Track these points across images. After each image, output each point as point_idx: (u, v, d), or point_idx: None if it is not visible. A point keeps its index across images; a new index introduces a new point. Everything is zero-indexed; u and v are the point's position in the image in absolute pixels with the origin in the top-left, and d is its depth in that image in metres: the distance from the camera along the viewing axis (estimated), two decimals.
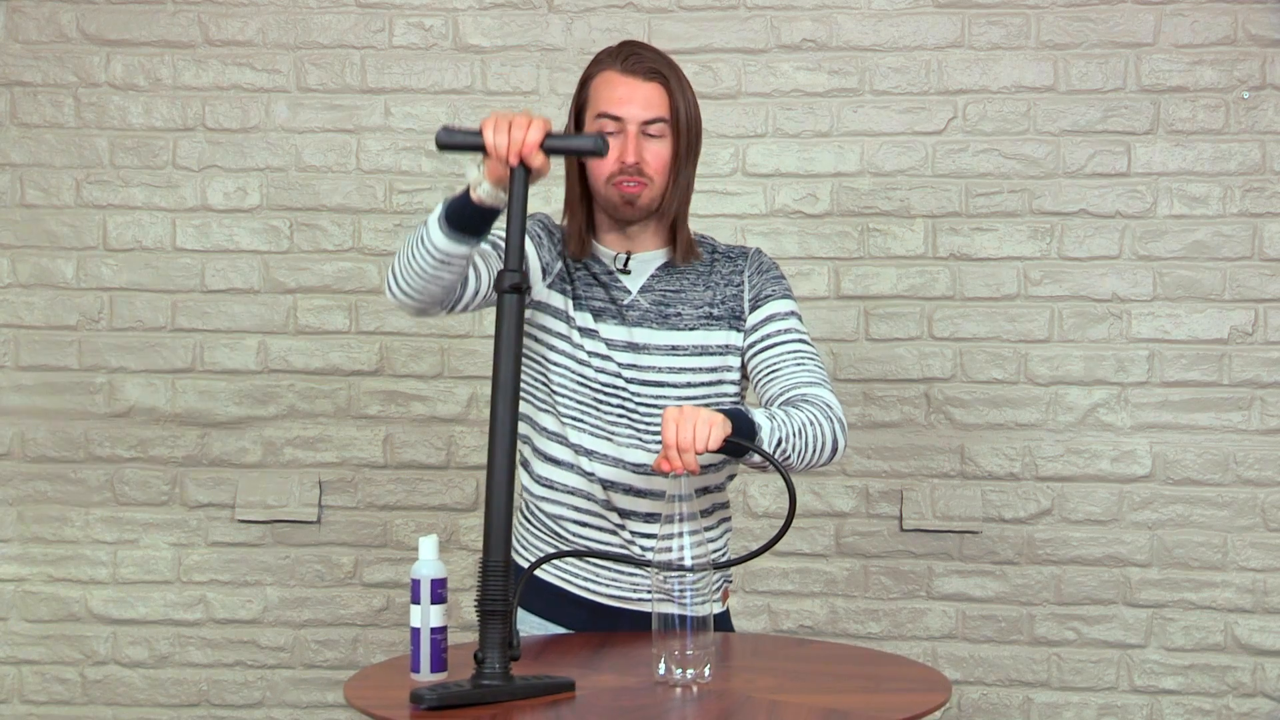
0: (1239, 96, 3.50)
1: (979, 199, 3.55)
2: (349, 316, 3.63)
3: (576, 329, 2.35)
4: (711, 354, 2.36)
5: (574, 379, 2.35)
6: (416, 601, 2.03)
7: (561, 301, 2.37)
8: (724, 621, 2.43)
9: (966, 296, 3.56)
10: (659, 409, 2.33)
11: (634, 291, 2.37)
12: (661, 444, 2.09)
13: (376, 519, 3.64)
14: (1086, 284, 3.53)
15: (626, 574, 2.36)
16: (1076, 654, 3.53)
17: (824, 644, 2.38)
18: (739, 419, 2.12)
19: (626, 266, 2.38)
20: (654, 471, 2.15)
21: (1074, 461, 3.53)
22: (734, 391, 2.38)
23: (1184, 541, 3.51)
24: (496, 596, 1.92)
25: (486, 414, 3.38)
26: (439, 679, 2.01)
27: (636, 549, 2.34)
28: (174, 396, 3.64)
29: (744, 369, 2.39)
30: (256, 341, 3.64)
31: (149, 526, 3.65)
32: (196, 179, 3.65)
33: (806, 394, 2.27)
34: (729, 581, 2.45)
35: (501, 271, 2.02)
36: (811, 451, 2.21)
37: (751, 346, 2.37)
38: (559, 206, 2.45)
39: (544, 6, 3.61)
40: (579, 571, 2.38)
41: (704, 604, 2.02)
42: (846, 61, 3.58)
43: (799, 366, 2.32)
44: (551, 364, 2.36)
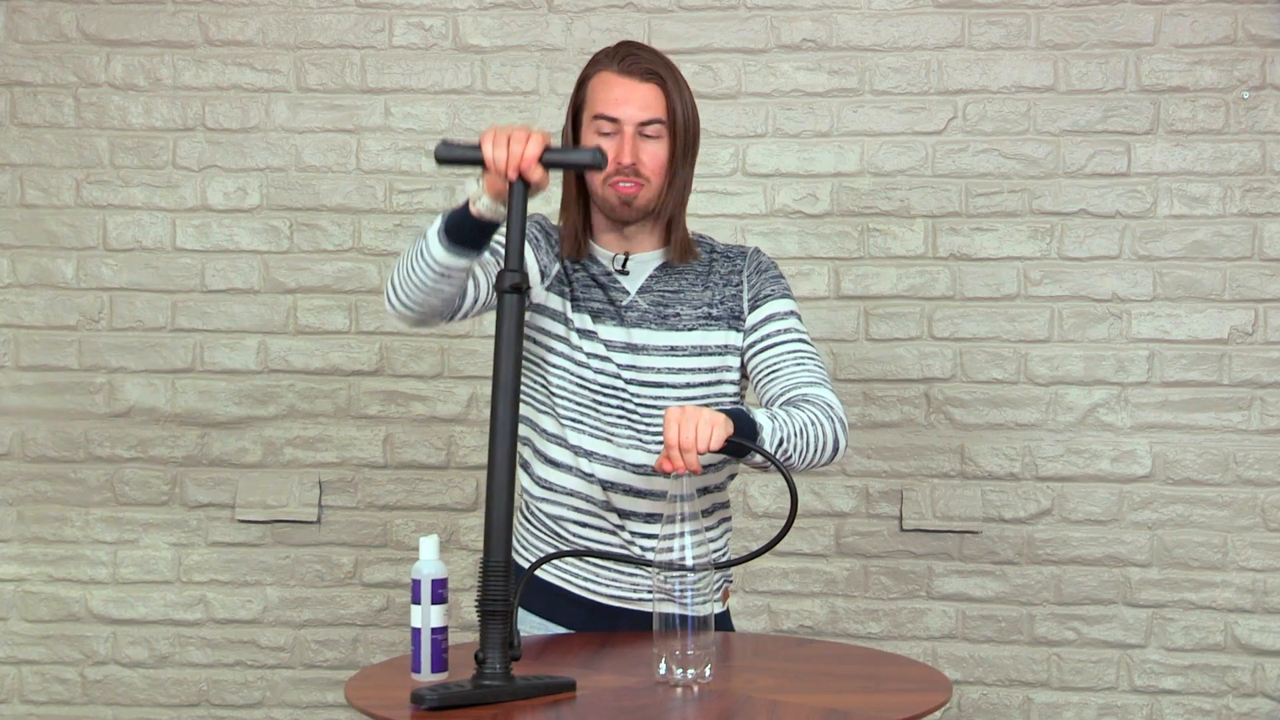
0: (1239, 96, 3.50)
1: (979, 199, 3.55)
2: (349, 316, 3.63)
3: (575, 331, 2.35)
4: (710, 354, 2.36)
5: (573, 381, 2.35)
6: (417, 601, 2.03)
7: (559, 304, 2.37)
8: (724, 621, 2.43)
9: (966, 296, 3.56)
10: (659, 410, 2.33)
11: (633, 292, 2.37)
12: (663, 444, 2.10)
13: (376, 519, 3.64)
14: (1086, 284, 3.53)
15: (627, 574, 2.36)
16: (1076, 654, 3.53)
17: (824, 644, 2.37)
18: (741, 419, 2.12)
19: (625, 267, 2.38)
20: (655, 471, 2.15)
21: (1074, 461, 3.53)
22: (733, 392, 2.38)
23: (1184, 541, 3.51)
24: (497, 596, 1.92)
25: (486, 414, 3.38)
26: (440, 679, 2.01)
27: (636, 549, 2.34)
28: (174, 396, 3.64)
29: (744, 369, 2.39)
30: (256, 341, 3.64)
31: (149, 526, 3.65)
32: (196, 179, 3.65)
33: (807, 394, 2.26)
34: (729, 581, 2.45)
35: (501, 271, 2.01)
36: (813, 451, 2.21)
37: (751, 346, 2.36)
38: (557, 207, 2.45)
39: (544, 6, 3.61)
40: (579, 571, 2.38)
41: (704, 604, 2.02)
42: (846, 61, 3.58)
43: (799, 366, 2.32)
44: (550, 366, 2.36)
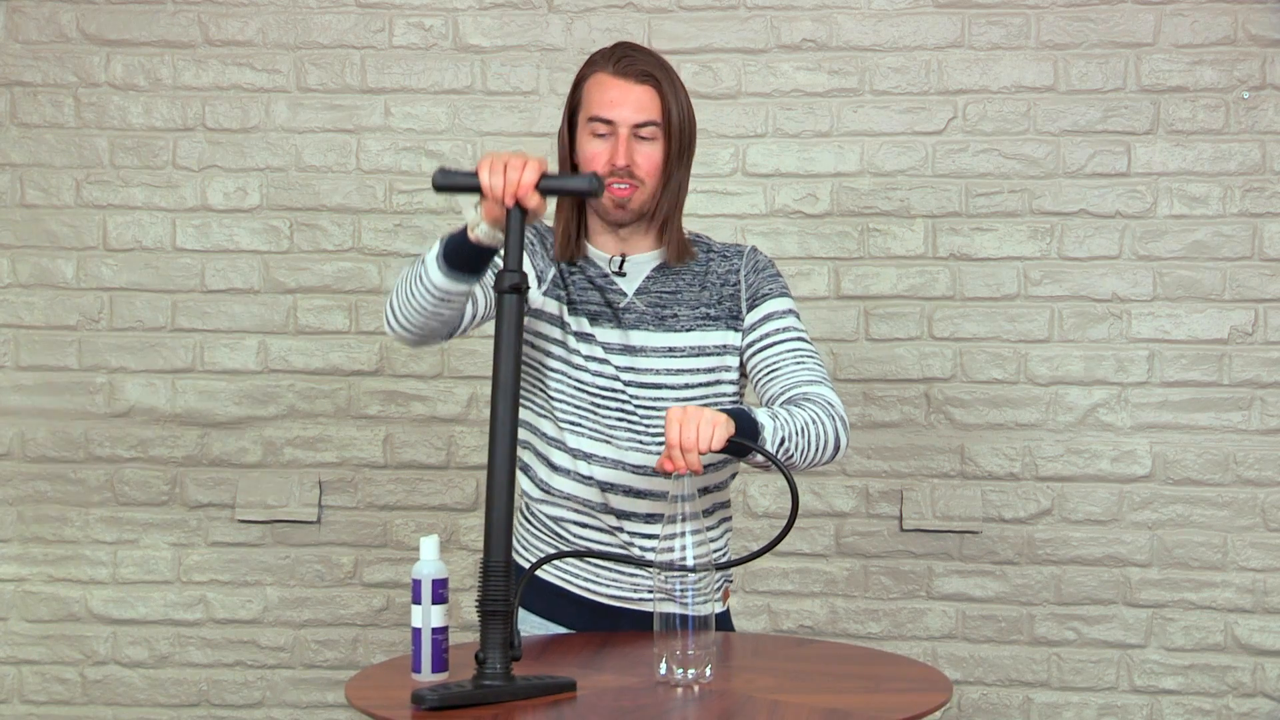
0: (1239, 96, 3.50)
1: (979, 199, 3.55)
2: (349, 316, 3.63)
3: (572, 334, 2.35)
4: (709, 354, 2.36)
5: (571, 384, 2.35)
6: (417, 602, 2.02)
7: (556, 307, 2.36)
8: (724, 621, 2.42)
9: (966, 296, 3.56)
10: (658, 411, 2.33)
11: (630, 294, 2.37)
12: (664, 444, 2.09)
13: (376, 519, 3.64)
14: (1086, 284, 3.53)
15: (627, 574, 2.36)
16: (1076, 654, 3.53)
17: (824, 644, 2.37)
18: (742, 419, 2.12)
19: (621, 269, 2.38)
20: (657, 471, 2.15)
21: (1074, 461, 3.53)
22: (732, 391, 2.38)
23: (1184, 541, 3.51)
24: (497, 597, 1.92)
25: (486, 414, 3.38)
26: (440, 679, 2.01)
27: (636, 550, 2.34)
28: (174, 396, 3.64)
29: (743, 368, 2.39)
30: (256, 341, 3.64)
31: (149, 526, 3.65)
32: (196, 179, 3.65)
33: (808, 392, 2.26)
34: (729, 581, 2.45)
35: (501, 271, 2.01)
36: (814, 450, 2.21)
37: (750, 346, 2.36)
38: (553, 209, 2.44)
39: (544, 6, 3.61)
40: (580, 571, 2.38)
41: (705, 604, 2.02)
42: (846, 61, 3.58)
43: (799, 365, 2.31)
44: (548, 370, 2.36)
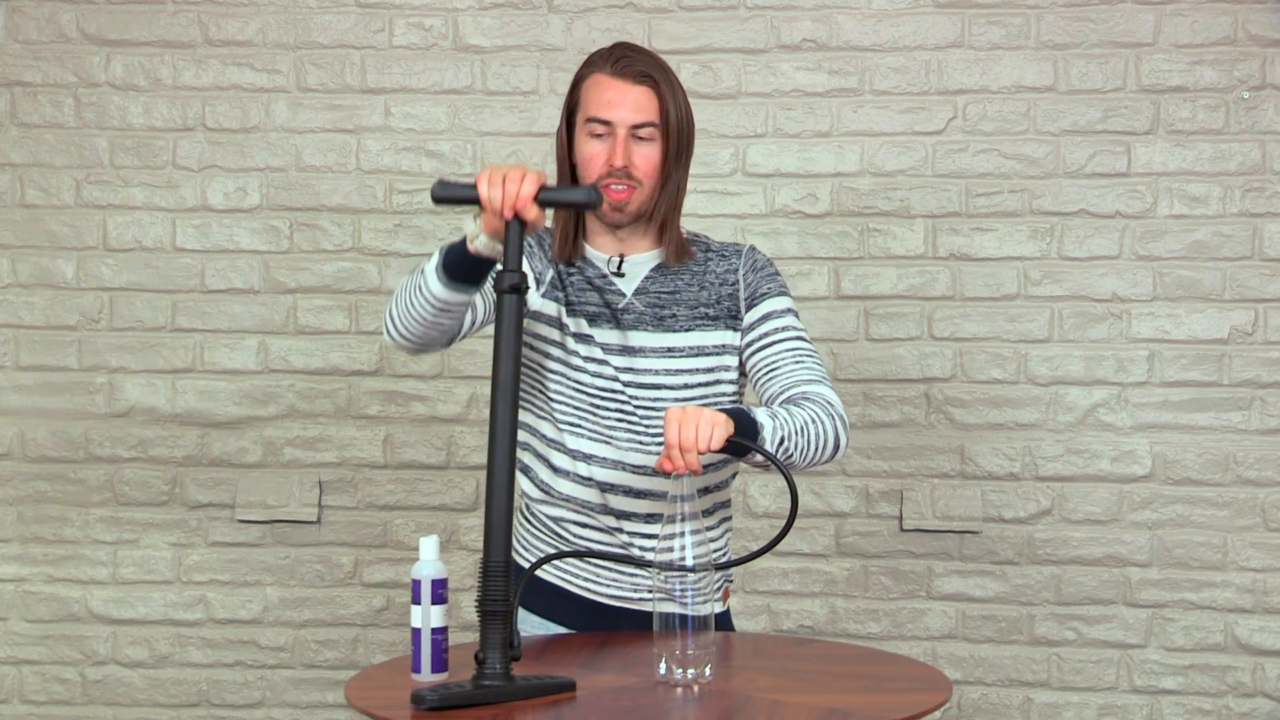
0: (1239, 96, 3.50)
1: (979, 199, 3.55)
2: (349, 316, 3.63)
3: (571, 335, 2.35)
4: (708, 354, 2.36)
5: (570, 385, 2.35)
6: (417, 602, 2.02)
7: (555, 309, 2.36)
8: (724, 621, 2.43)
9: (966, 296, 3.56)
10: (657, 411, 2.33)
11: (628, 294, 2.37)
12: (663, 444, 2.09)
13: (376, 519, 3.64)
14: (1086, 284, 3.53)
15: (627, 574, 2.36)
16: (1076, 654, 3.53)
17: (824, 643, 2.37)
18: (741, 418, 2.12)
19: (620, 269, 2.38)
20: (656, 471, 2.15)
21: (1074, 461, 3.53)
22: (732, 391, 2.38)
23: (1184, 541, 3.51)
24: (497, 597, 1.92)
25: (486, 414, 3.37)
26: (440, 679, 2.01)
27: (635, 550, 2.34)
28: (174, 396, 3.64)
29: (742, 368, 2.39)
30: (256, 341, 3.64)
31: (149, 526, 3.65)
32: (196, 179, 3.65)
33: (807, 391, 2.26)
34: (729, 581, 2.45)
35: (500, 272, 2.01)
36: (814, 449, 2.21)
37: (749, 345, 2.36)
38: (551, 212, 2.44)
39: (544, 6, 3.61)
40: (580, 571, 2.38)
41: (705, 604, 2.02)
42: (846, 61, 3.58)
43: (798, 364, 2.31)
44: (548, 372, 2.36)
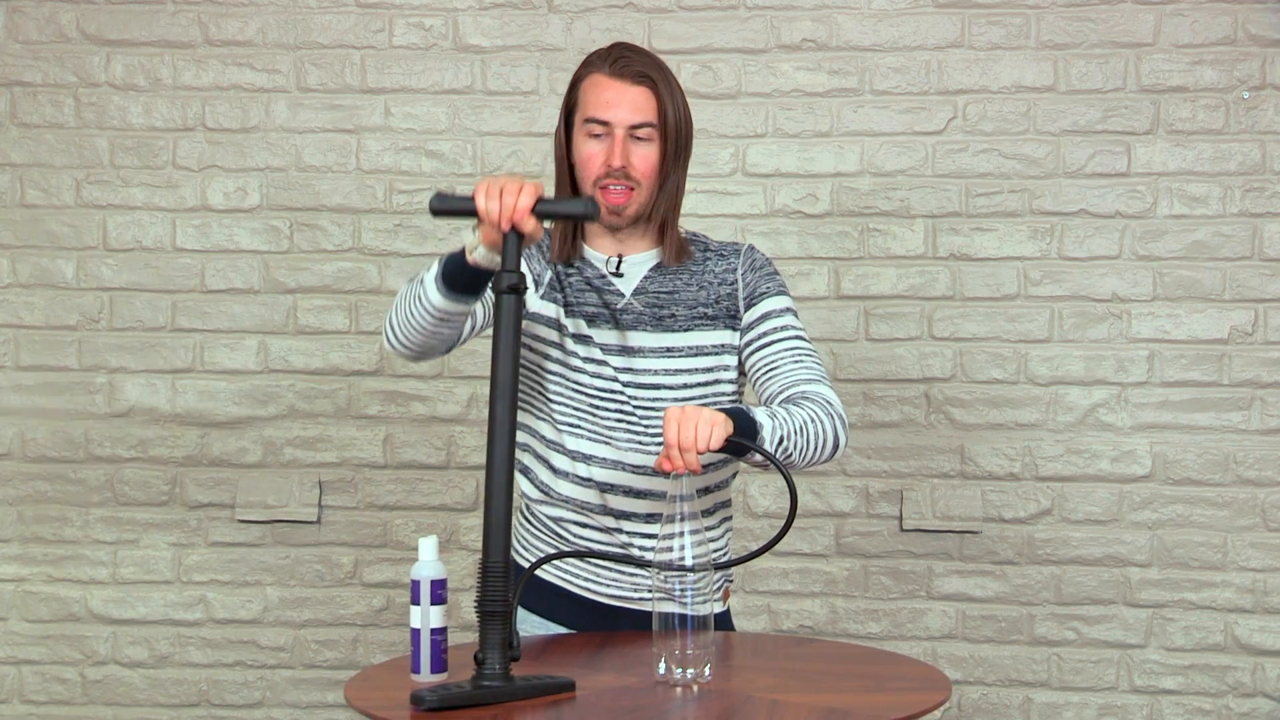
0: (1239, 96, 3.50)
1: (979, 199, 3.55)
2: (349, 316, 3.63)
3: (569, 336, 2.35)
4: (707, 354, 2.36)
5: (569, 386, 2.35)
6: (416, 602, 2.02)
7: (553, 311, 2.36)
8: (724, 621, 2.43)
9: (966, 296, 3.55)
10: (657, 411, 2.33)
11: (627, 294, 2.37)
12: (662, 444, 2.09)
13: (376, 519, 3.64)
14: (1086, 284, 3.53)
15: (627, 574, 2.36)
16: (1076, 654, 3.53)
17: (824, 643, 2.37)
18: (740, 418, 2.12)
19: (619, 270, 2.38)
20: (656, 471, 2.15)
21: (1074, 461, 3.53)
22: (731, 391, 2.38)
23: (1184, 541, 3.51)
24: (496, 597, 1.92)
25: (486, 414, 3.38)
26: (439, 680, 2.01)
27: (635, 550, 2.34)
28: (174, 396, 3.64)
29: (741, 367, 2.39)
30: (256, 341, 3.64)
31: (149, 526, 3.65)
32: (196, 179, 3.65)
33: (806, 391, 2.26)
34: (730, 581, 2.45)
35: (498, 272, 2.01)
36: (813, 449, 2.21)
37: (748, 345, 2.36)
38: None
39: (544, 6, 3.61)
40: (579, 571, 2.38)
41: (704, 604, 2.02)
42: (846, 61, 3.58)
43: (797, 364, 2.31)
44: (547, 373, 2.36)
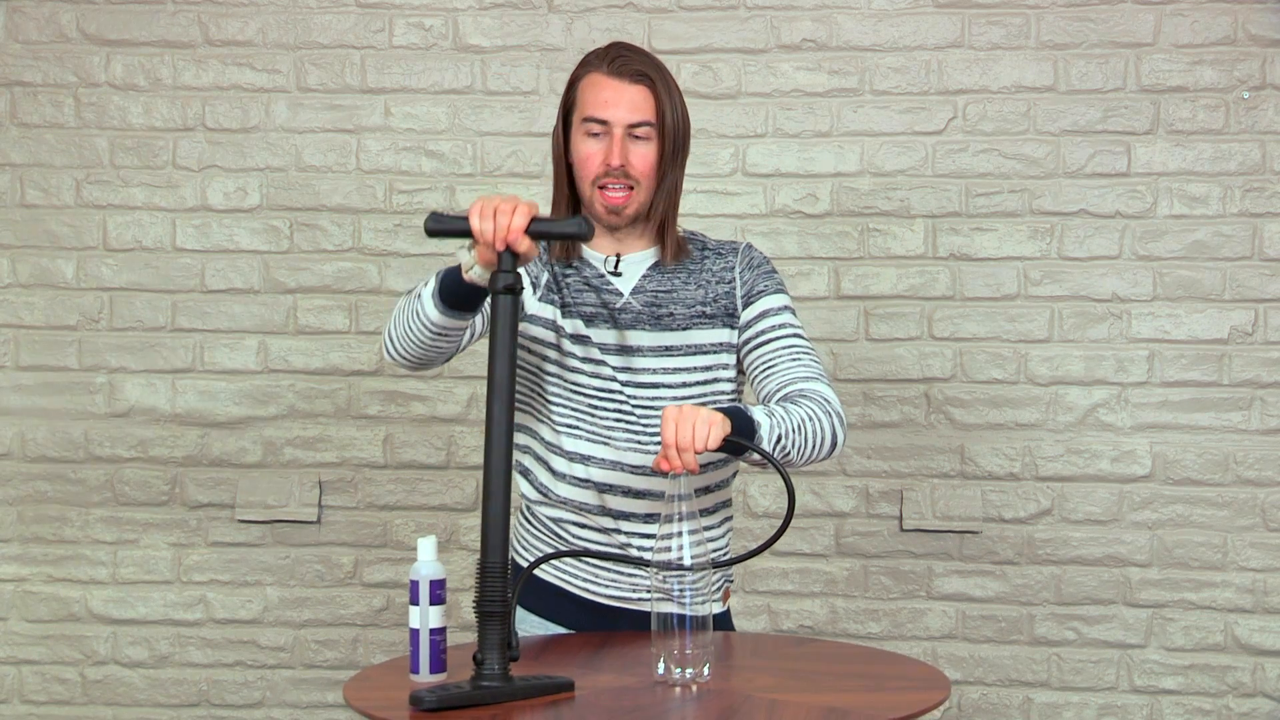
0: (1239, 96, 3.50)
1: (979, 199, 3.55)
2: (349, 316, 3.63)
3: (567, 337, 2.35)
4: (705, 353, 2.36)
5: (567, 387, 2.35)
6: (415, 602, 2.02)
7: (551, 312, 2.36)
8: (724, 621, 2.43)
9: (966, 296, 3.55)
10: (655, 410, 2.33)
11: (626, 294, 2.37)
12: (661, 444, 2.09)
13: (376, 519, 3.64)
14: (1086, 284, 3.53)
15: (626, 574, 2.36)
16: (1076, 654, 3.53)
17: (824, 643, 2.37)
18: (738, 417, 2.12)
19: (617, 269, 2.38)
20: (654, 471, 2.15)
21: (1074, 461, 3.53)
22: (730, 389, 2.38)
23: (1184, 541, 3.51)
24: (495, 597, 1.92)
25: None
26: (438, 680, 2.01)
27: (634, 550, 2.34)
28: (174, 396, 3.64)
29: (739, 365, 2.39)
30: (256, 341, 3.64)
31: (149, 526, 3.65)
32: (196, 179, 3.65)
33: (804, 389, 2.26)
34: (730, 581, 2.45)
35: (495, 272, 2.02)
36: (811, 447, 2.21)
37: (747, 343, 2.36)
38: (549, 210, 2.44)
39: (544, 6, 3.61)
40: (579, 572, 2.38)
41: (704, 604, 2.02)
42: (846, 61, 3.58)
43: (795, 362, 2.31)
44: (545, 375, 2.36)
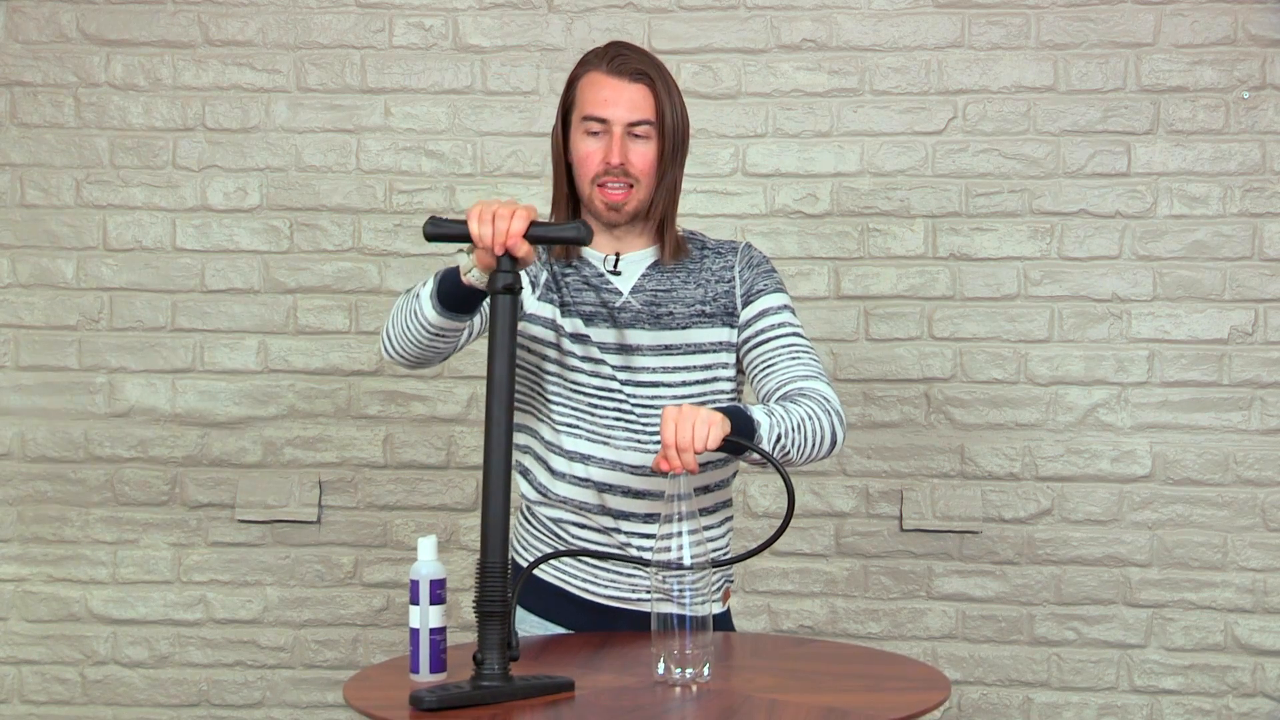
0: (1239, 96, 3.50)
1: (979, 199, 3.55)
2: (349, 316, 3.63)
3: (566, 336, 2.35)
4: (705, 352, 2.36)
5: (566, 386, 2.35)
6: (415, 602, 2.03)
7: (550, 311, 2.36)
8: (724, 621, 2.43)
9: (966, 296, 3.55)
10: (655, 410, 2.32)
11: (625, 293, 2.37)
12: (660, 444, 2.09)
13: (376, 519, 3.64)
14: (1086, 284, 3.53)
15: (626, 574, 2.36)
16: (1076, 654, 3.53)
17: (824, 643, 2.37)
18: (738, 417, 2.12)
19: (616, 268, 2.38)
20: (653, 471, 2.15)
21: (1074, 461, 3.53)
22: (729, 389, 2.38)
23: (1184, 541, 3.51)
24: (495, 597, 1.92)
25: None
26: (438, 680, 2.01)
27: (634, 550, 2.34)
28: (174, 396, 3.64)
29: (739, 365, 2.39)
30: (256, 341, 3.64)
31: (149, 526, 3.65)
32: (196, 179, 3.65)
33: (803, 388, 2.26)
34: (730, 581, 2.45)
35: (494, 272, 2.02)
36: (811, 446, 2.21)
37: (746, 342, 2.36)
38: (548, 211, 2.44)
39: (544, 6, 3.61)
40: (578, 572, 2.38)
41: (703, 604, 2.02)
42: (846, 61, 3.58)
43: (794, 360, 2.31)
44: (545, 374, 2.36)
